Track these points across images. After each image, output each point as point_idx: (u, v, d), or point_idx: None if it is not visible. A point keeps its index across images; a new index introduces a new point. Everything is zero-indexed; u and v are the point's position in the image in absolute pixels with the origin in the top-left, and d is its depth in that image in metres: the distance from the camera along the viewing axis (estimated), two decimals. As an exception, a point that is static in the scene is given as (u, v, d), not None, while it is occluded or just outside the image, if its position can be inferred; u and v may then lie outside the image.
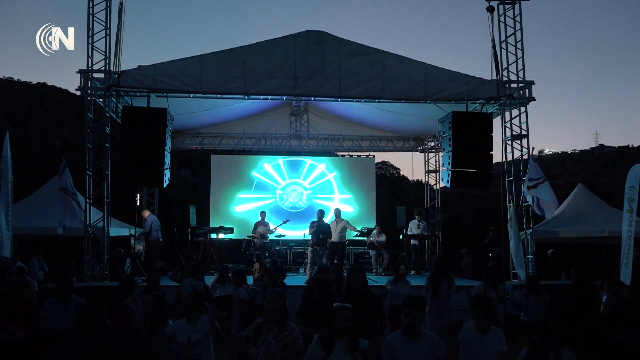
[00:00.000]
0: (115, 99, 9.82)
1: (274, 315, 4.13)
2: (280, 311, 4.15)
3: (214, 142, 15.07)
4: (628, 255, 7.39)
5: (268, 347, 3.98)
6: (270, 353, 3.96)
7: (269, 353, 3.96)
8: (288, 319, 4.24)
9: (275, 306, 4.14)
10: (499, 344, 4.47)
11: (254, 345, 4.04)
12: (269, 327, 4.08)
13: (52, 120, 37.46)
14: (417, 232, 13.25)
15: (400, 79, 9.93)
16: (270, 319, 4.13)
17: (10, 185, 8.27)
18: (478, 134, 9.78)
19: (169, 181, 9.72)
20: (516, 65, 10.47)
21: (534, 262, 10.37)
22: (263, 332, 4.07)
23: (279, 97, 10.49)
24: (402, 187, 32.70)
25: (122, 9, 9.59)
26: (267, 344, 4.00)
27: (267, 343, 4.00)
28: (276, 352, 3.96)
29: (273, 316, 4.12)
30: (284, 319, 4.16)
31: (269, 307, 4.15)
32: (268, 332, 4.07)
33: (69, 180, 9.16)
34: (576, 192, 13.23)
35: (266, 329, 4.08)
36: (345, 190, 15.36)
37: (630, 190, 7.55)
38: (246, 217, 14.64)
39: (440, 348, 4.21)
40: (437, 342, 4.23)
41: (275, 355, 3.95)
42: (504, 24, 10.58)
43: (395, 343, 4.15)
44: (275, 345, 3.99)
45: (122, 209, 13.11)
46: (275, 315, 4.13)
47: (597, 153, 53.67)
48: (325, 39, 9.95)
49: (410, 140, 15.60)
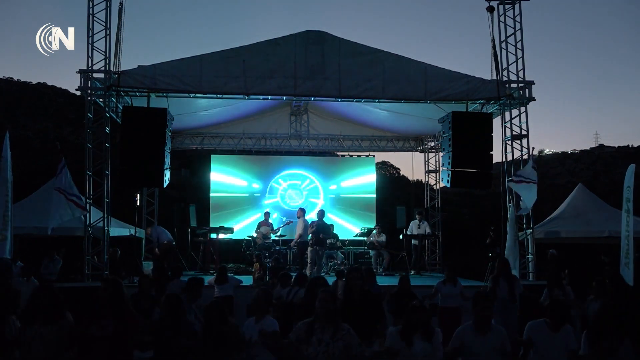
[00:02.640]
0: (115, 99, 9.84)
1: (327, 315, 4.05)
2: (333, 311, 4.09)
3: (214, 142, 15.07)
4: (628, 255, 7.40)
5: (327, 347, 3.92)
6: (330, 353, 3.91)
7: (329, 353, 3.91)
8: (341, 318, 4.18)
9: (328, 306, 4.06)
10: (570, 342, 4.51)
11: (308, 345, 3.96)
12: (323, 327, 4.00)
13: (52, 120, 37.43)
14: (417, 232, 13.25)
15: (400, 79, 9.94)
16: (322, 319, 4.04)
17: (10, 185, 8.27)
18: (478, 134, 9.78)
19: (169, 181, 9.73)
20: (516, 65, 10.49)
21: (534, 262, 10.38)
22: (317, 332, 3.99)
23: (279, 97, 10.50)
24: (402, 187, 32.69)
25: (122, 9, 9.63)
26: (325, 344, 3.94)
27: (325, 343, 3.94)
28: (336, 352, 3.92)
29: (326, 316, 4.05)
30: (337, 318, 4.10)
31: (321, 307, 4.06)
32: (323, 332, 3.98)
33: (66, 180, 9.13)
34: (576, 192, 13.22)
35: (319, 329, 4.00)
36: (344, 190, 15.37)
37: (627, 190, 7.58)
38: (247, 216, 14.64)
39: (508, 343, 4.41)
40: (506, 337, 4.43)
41: (335, 354, 3.91)
42: (504, 24, 10.60)
43: (466, 335, 4.41)
44: (334, 345, 3.94)
45: (122, 209, 13.11)
46: (329, 315, 4.06)
47: (597, 153, 53.60)
48: (325, 39, 9.96)
49: (410, 140, 15.60)
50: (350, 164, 15.78)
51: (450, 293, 7.53)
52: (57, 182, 9.13)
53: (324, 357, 3.91)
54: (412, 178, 30.57)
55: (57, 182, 9.13)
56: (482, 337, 4.35)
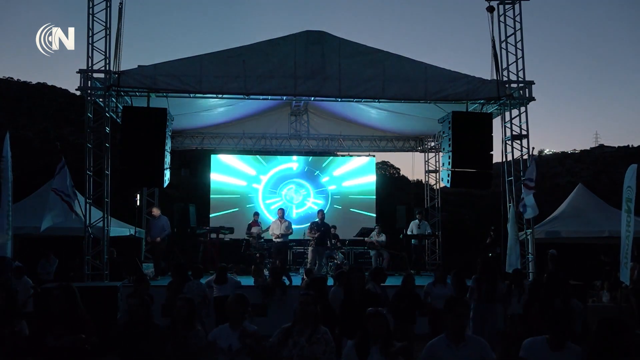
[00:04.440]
0: (115, 99, 9.83)
1: (306, 318, 4.03)
2: (312, 314, 4.05)
3: (214, 142, 15.06)
4: (627, 255, 7.41)
5: (301, 350, 3.90)
6: (303, 355, 3.88)
7: (303, 355, 3.88)
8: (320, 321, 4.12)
9: (307, 309, 4.03)
10: None
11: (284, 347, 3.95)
12: (300, 330, 3.99)
13: (52, 120, 37.44)
14: (417, 232, 13.24)
15: (400, 79, 9.93)
16: (300, 321, 4.03)
17: (10, 185, 8.26)
18: (478, 134, 9.78)
19: (169, 181, 9.72)
20: (516, 65, 10.48)
21: (534, 262, 10.37)
22: (293, 335, 3.98)
23: (279, 97, 10.50)
24: (402, 187, 32.71)
25: (122, 9, 9.60)
26: (300, 346, 3.91)
27: (300, 346, 3.91)
28: (309, 355, 3.88)
29: (304, 318, 4.03)
30: (316, 322, 4.05)
31: (301, 310, 4.04)
32: (299, 334, 3.97)
33: (65, 180, 9.10)
34: (576, 192, 13.21)
35: (297, 332, 3.99)
36: (344, 190, 15.36)
37: (627, 190, 7.59)
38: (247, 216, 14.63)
39: (489, 353, 3.84)
40: (485, 347, 3.86)
41: (309, 357, 3.88)
42: (504, 24, 10.59)
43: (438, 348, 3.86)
44: (309, 348, 3.91)
45: (122, 209, 13.11)
46: (307, 318, 4.03)
47: (597, 153, 53.70)
48: (325, 39, 9.95)
49: (410, 140, 15.59)
50: (350, 164, 15.79)
51: (440, 294, 7.20)
52: (55, 183, 9.10)
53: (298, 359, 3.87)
54: (412, 178, 30.66)
55: (55, 183, 9.10)
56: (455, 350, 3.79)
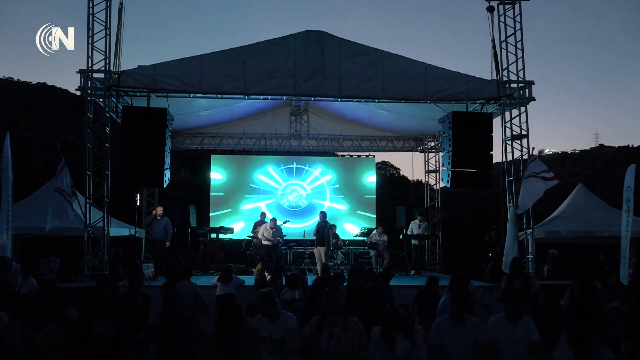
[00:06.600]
0: (115, 99, 9.83)
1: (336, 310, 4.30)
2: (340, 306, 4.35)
3: (214, 142, 15.06)
4: (626, 255, 7.41)
5: (338, 339, 4.17)
6: (340, 344, 4.17)
7: (340, 345, 4.16)
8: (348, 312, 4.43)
9: (336, 302, 4.32)
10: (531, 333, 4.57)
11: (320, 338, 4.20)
12: (332, 321, 4.26)
13: (52, 120, 37.49)
14: (417, 232, 13.24)
15: (400, 79, 9.94)
16: (331, 313, 4.29)
17: (11, 185, 8.27)
18: (478, 134, 9.79)
19: (169, 181, 9.72)
20: (516, 65, 10.48)
21: (534, 262, 10.37)
22: (326, 326, 4.24)
23: (279, 97, 10.50)
24: (402, 187, 32.71)
25: (122, 9, 9.61)
26: (336, 337, 4.19)
27: (337, 336, 4.19)
28: (345, 343, 4.18)
29: (334, 311, 4.30)
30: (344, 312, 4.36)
31: (330, 304, 4.32)
32: (333, 325, 4.24)
33: (66, 180, 9.12)
34: (576, 192, 13.21)
35: (329, 323, 4.25)
36: (344, 190, 15.37)
37: (627, 191, 7.59)
38: (247, 216, 14.65)
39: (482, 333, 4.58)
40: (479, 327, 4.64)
41: (345, 346, 4.17)
42: (504, 24, 10.59)
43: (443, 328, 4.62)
44: (345, 337, 4.19)
45: (122, 209, 13.11)
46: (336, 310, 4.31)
47: (597, 153, 53.66)
48: (325, 39, 9.95)
49: (410, 140, 15.59)
50: (350, 164, 15.79)
51: None
52: (57, 183, 9.12)
53: (335, 350, 4.14)
54: (412, 178, 30.64)
55: (57, 183, 9.12)
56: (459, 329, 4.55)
